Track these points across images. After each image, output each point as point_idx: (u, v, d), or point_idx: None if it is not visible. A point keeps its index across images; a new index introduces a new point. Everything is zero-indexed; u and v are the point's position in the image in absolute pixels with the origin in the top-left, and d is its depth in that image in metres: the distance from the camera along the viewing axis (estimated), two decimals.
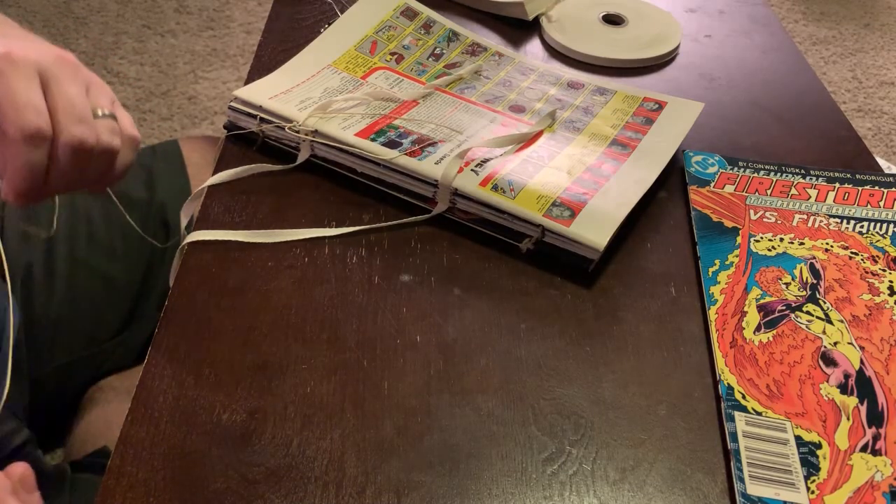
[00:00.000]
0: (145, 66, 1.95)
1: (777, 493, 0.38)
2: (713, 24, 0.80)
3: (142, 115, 1.79)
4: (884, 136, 1.89)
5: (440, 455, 0.40)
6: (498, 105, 0.62)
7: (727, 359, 0.45)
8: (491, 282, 0.50)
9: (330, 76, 0.62)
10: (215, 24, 2.13)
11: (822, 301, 0.49)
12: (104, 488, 0.38)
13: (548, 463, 0.40)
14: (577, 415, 0.42)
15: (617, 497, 0.39)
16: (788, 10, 2.35)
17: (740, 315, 0.48)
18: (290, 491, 0.38)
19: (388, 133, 0.56)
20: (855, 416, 0.42)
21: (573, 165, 0.55)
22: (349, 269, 0.50)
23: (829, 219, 0.55)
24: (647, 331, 0.47)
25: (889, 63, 2.14)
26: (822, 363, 0.45)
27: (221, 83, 1.91)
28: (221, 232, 0.51)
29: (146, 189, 0.76)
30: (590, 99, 0.64)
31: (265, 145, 0.59)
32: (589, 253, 0.49)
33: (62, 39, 2.02)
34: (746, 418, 0.42)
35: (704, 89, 0.70)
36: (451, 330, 0.47)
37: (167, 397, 0.42)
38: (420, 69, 0.65)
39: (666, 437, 0.42)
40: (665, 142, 0.59)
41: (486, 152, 0.55)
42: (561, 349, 0.46)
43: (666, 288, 0.50)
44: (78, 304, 0.71)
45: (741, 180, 0.58)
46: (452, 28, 0.70)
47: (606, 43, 0.74)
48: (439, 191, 0.53)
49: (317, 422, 0.41)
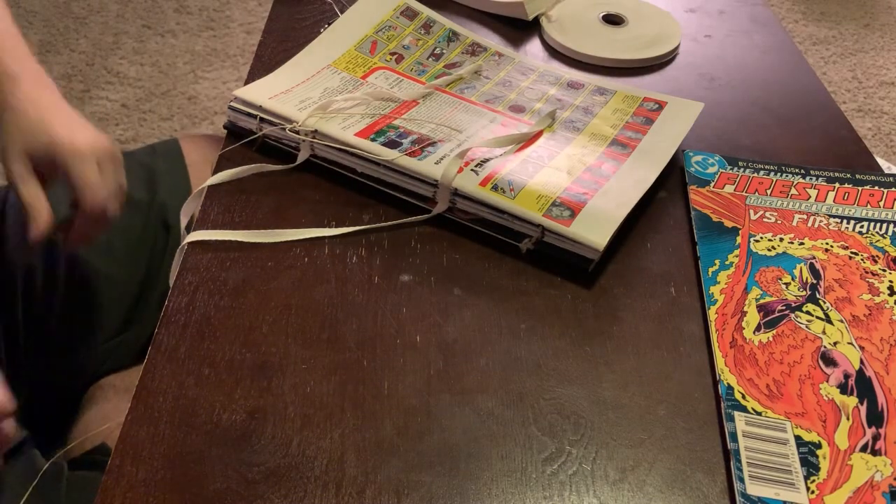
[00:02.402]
0: (145, 66, 1.95)
1: (777, 493, 0.38)
2: (713, 24, 0.80)
3: (142, 115, 1.79)
4: (884, 136, 1.89)
5: (440, 455, 0.40)
6: (498, 105, 0.62)
7: (727, 359, 0.45)
8: (491, 282, 0.50)
9: (330, 76, 0.62)
10: (215, 24, 2.13)
11: (821, 301, 0.49)
12: (104, 488, 0.38)
13: (548, 463, 0.40)
14: (577, 415, 0.42)
15: (617, 497, 0.39)
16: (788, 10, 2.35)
17: (740, 315, 0.48)
18: (290, 491, 0.38)
19: (388, 133, 0.56)
20: (855, 416, 0.42)
21: (573, 165, 0.55)
22: (349, 269, 0.50)
23: (829, 219, 0.55)
24: (647, 331, 0.47)
25: (889, 63, 2.14)
26: (822, 363, 0.45)
27: (221, 83, 1.91)
28: (221, 232, 0.51)
29: (147, 189, 0.76)
30: (590, 99, 0.64)
31: (265, 145, 0.59)
32: (589, 253, 0.49)
33: (62, 39, 2.02)
34: (746, 418, 0.42)
35: (704, 89, 0.70)
36: (451, 330, 0.47)
37: (167, 397, 0.42)
38: (420, 69, 0.65)
39: (666, 437, 0.42)
40: (665, 142, 0.59)
41: (486, 152, 0.55)
42: (561, 349, 0.46)
43: (666, 288, 0.50)
44: (78, 305, 0.71)
45: (741, 180, 0.58)
46: (452, 28, 0.70)
47: (606, 43, 0.74)
48: (439, 191, 0.53)
49: (317, 422, 0.41)
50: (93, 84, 1.86)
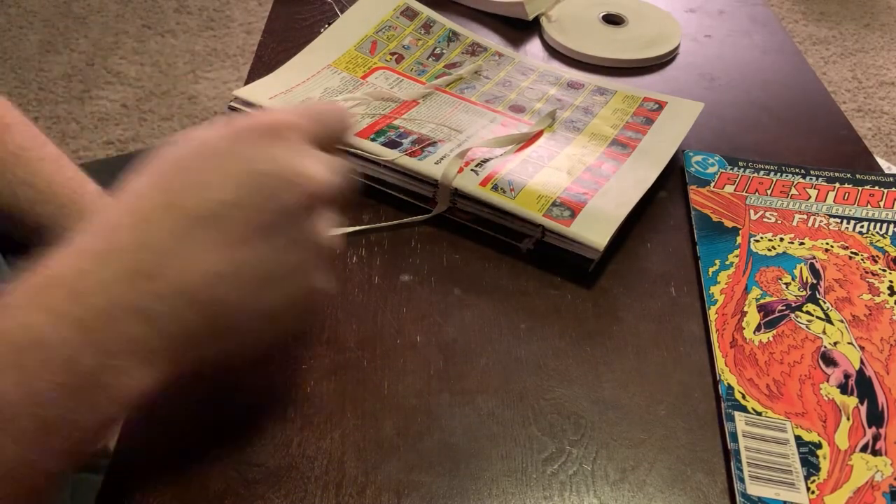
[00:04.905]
0: (145, 66, 1.95)
1: (777, 493, 0.38)
2: (713, 24, 0.80)
3: (142, 115, 1.79)
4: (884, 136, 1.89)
5: (440, 455, 0.40)
6: (498, 105, 0.62)
7: (727, 359, 0.45)
8: (491, 282, 0.50)
9: (330, 76, 0.62)
10: (215, 24, 2.13)
11: (822, 301, 0.49)
12: (104, 488, 0.38)
13: (548, 463, 0.40)
14: (577, 415, 0.42)
15: (617, 497, 0.39)
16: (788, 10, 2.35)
17: (740, 315, 0.48)
18: (290, 491, 0.38)
19: (388, 133, 0.56)
20: (855, 416, 0.42)
21: (573, 165, 0.55)
22: (349, 269, 0.50)
23: (829, 219, 0.55)
24: (647, 331, 0.47)
25: (889, 63, 2.14)
26: (822, 363, 0.45)
27: (221, 83, 1.91)
28: None
29: None
30: (590, 99, 0.64)
31: None
32: (589, 253, 0.49)
33: (62, 39, 2.02)
34: (746, 418, 0.42)
35: (704, 89, 0.70)
36: (451, 330, 0.47)
37: (167, 397, 0.42)
38: (420, 69, 0.65)
39: (666, 437, 0.42)
40: (665, 142, 0.59)
41: (486, 152, 0.55)
42: (561, 349, 0.46)
43: (666, 288, 0.50)
44: None
45: (741, 180, 0.58)
46: (452, 28, 0.70)
47: (606, 43, 0.74)
48: (439, 191, 0.53)
49: (317, 422, 0.41)
50: (93, 84, 1.86)
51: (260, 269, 0.34)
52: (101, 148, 1.69)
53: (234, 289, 0.33)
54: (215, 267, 0.33)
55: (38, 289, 0.31)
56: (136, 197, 0.34)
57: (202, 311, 0.33)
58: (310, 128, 0.37)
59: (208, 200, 0.33)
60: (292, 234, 0.35)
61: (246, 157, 0.34)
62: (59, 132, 1.71)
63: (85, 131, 1.73)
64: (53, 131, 1.71)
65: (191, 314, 0.33)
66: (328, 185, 0.36)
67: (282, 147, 0.35)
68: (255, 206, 0.34)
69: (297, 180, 0.34)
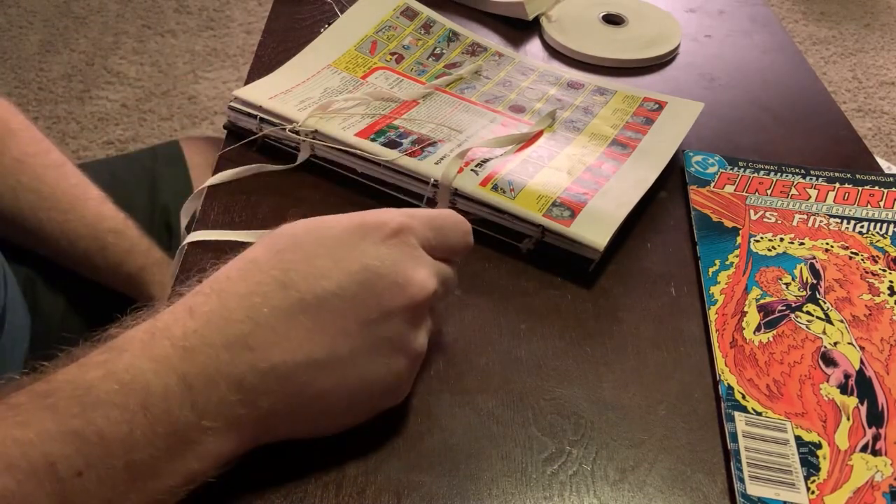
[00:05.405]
0: (145, 66, 1.95)
1: (777, 494, 0.38)
2: (713, 24, 0.80)
3: (142, 115, 1.79)
4: (884, 136, 1.89)
5: (440, 455, 0.40)
6: (498, 105, 0.62)
7: (727, 359, 0.45)
8: (491, 282, 0.50)
9: (330, 76, 0.62)
10: (215, 24, 2.13)
11: (822, 301, 0.49)
12: None
13: (548, 463, 0.40)
14: (577, 415, 0.42)
15: (617, 497, 0.39)
16: (788, 10, 2.35)
17: (740, 315, 0.48)
18: (290, 491, 0.38)
19: (388, 133, 0.56)
20: (855, 416, 0.42)
21: (573, 165, 0.55)
22: None
23: (829, 219, 0.55)
24: (647, 331, 0.47)
25: (889, 63, 2.14)
26: (822, 363, 0.45)
27: (221, 83, 1.91)
28: (221, 232, 0.51)
29: (149, 193, 0.76)
30: (590, 99, 0.64)
31: (265, 145, 0.59)
32: (589, 253, 0.49)
33: (62, 39, 2.02)
34: (746, 418, 0.42)
35: (704, 89, 0.70)
36: (451, 330, 0.47)
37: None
38: (420, 69, 0.65)
39: (666, 437, 0.42)
40: (665, 142, 0.59)
41: (486, 152, 0.55)
42: (561, 349, 0.46)
43: (666, 288, 0.50)
44: (80, 305, 0.71)
45: (741, 180, 0.58)
46: (452, 28, 0.70)
47: (606, 43, 0.74)
48: (439, 191, 0.53)
49: None
50: (93, 84, 1.86)
51: (354, 362, 0.36)
52: (101, 148, 1.70)
53: (326, 376, 0.35)
54: (313, 353, 0.34)
55: (147, 336, 0.33)
56: (253, 267, 0.36)
57: (292, 392, 0.34)
58: (431, 237, 0.39)
59: (320, 288, 0.35)
60: (390, 333, 0.36)
61: (365, 254, 0.36)
62: (59, 132, 1.71)
63: (85, 131, 1.73)
64: (53, 131, 1.71)
65: (281, 393, 0.34)
66: (433, 295, 0.38)
67: (399, 251, 0.37)
68: (362, 301, 0.35)
69: (405, 286, 0.36)
